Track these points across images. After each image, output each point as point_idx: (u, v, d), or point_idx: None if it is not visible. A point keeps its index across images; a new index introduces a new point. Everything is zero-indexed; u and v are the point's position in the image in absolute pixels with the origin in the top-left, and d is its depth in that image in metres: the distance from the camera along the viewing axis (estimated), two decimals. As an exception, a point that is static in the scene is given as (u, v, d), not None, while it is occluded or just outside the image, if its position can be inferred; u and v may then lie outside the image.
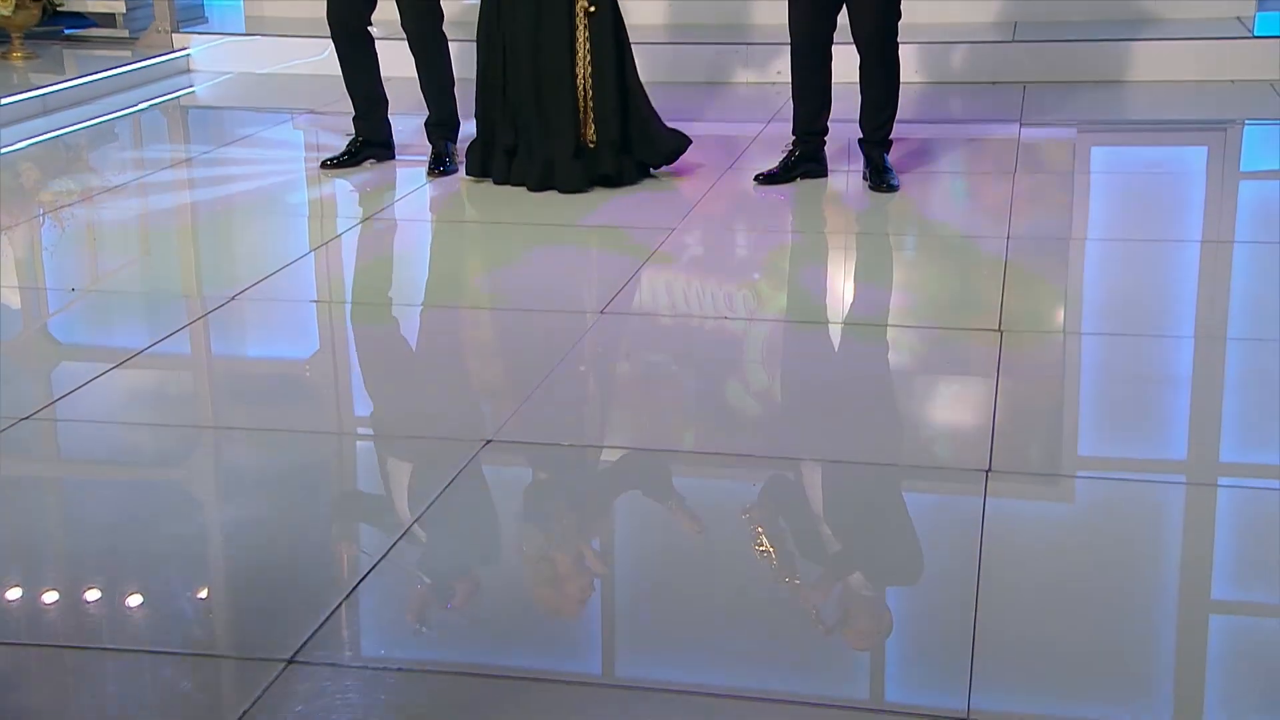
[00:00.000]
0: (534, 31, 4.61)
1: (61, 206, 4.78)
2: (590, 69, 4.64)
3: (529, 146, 4.71)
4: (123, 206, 4.80)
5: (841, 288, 4.06)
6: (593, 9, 4.60)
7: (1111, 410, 3.13)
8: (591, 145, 4.69)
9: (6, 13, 6.48)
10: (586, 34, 4.62)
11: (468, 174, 4.86)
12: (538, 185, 4.69)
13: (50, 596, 2.45)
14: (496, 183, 4.77)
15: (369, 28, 4.98)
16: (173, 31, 6.97)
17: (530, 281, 4.01)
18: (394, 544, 2.57)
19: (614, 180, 4.72)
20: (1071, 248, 4.20)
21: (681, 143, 4.82)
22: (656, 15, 6.87)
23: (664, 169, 4.87)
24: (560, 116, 4.64)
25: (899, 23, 4.56)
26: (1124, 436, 3.01)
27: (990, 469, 2.76)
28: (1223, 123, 5.62)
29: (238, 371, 3.56)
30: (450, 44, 5.03)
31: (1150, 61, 6.10)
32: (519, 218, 4.53)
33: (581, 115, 4.67)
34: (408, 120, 5.23)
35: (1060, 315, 3.68)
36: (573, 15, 4.59)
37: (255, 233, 4.55)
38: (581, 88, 4.65)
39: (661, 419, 3.18)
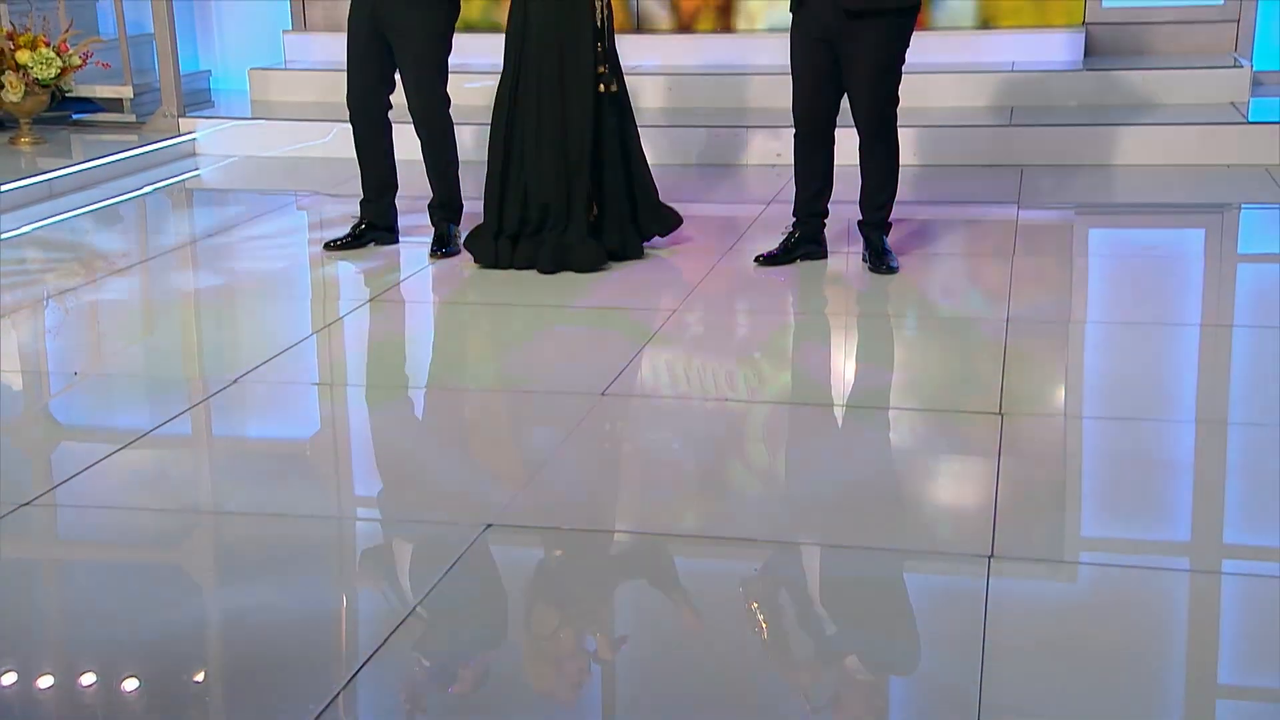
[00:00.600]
0: (559, 117, 4.68)
1: (65, 290, 4.81)
2: (608, 145, 4.73)
3: (538, 229, 4.75)
4: (126, 289, 4.83)
5: (842, 369, 4.07)
6: (614, 88, 4.69)
7: (1114, 495, 3.12)
8: (592, 220, 4.75)
9: (15, 99, 6.55)
10: (611, 112, 4.74)
11: (473, 257, 4.89)
12: (554, 267, 4.72)
13: (47, 683, 2.43)
14: (502, 268, 4.80)
15: (388, 111, 5.05)
16: (179, 116, 7.05)
17: (531, 363, 4.02)
18: (394, 631, 2.55)
19: (619, 254, 4.79)
20: (1071, 330, 4.22)
21: (678, 218, 4.99)
22: (659, 99, 6.96)
23: (667, 248, 4.97)
24: (580, 198, 4.71)
25: (898, 107, 4.62)
26: (1127, 522, 2.99)
27: (993, 554, 2.75)
28: (1220, 206, 5.66)
29: (239, 455, 3.55)
30: (456, 127, 5.09)
31: (1146, 146, 6.16)
32: (520, 299, 4.56)
33: (594, 193, 4.76)
34: (410, 202, 5.28)
35: (1061, 398, 3.68)
36: (597, 100, 4.68)
37: (258, 315, 4.57)
38: (604, 165, 4.75)
39: (662, 502, 3.17)
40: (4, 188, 5.83)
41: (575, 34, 4.66)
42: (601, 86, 4.69)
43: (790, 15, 4.62)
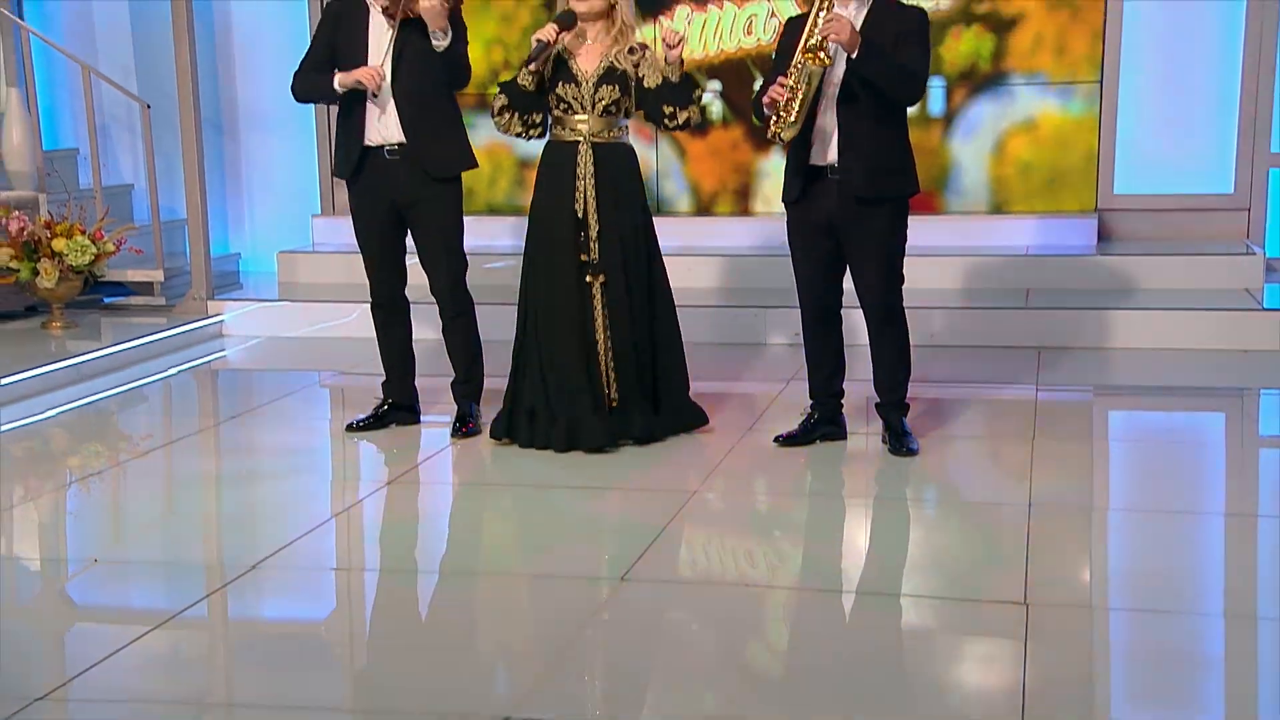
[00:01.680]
0: (553, 300, 4.77)
1: (88, 474, 4.84)
2: (609, 334, 4.78)
3: (550, 409, 4.79)
4: (148, 472, 4.85)
5: (863, 553, 4.03)
6: (601, 279, 4.77)
7: (1144, 691, 3.05)
8: (614, 405, 4.79)
9: (50, 285, 6.68)
10: (603, 301, 4.78)
11: (492, 436, 4.93)
12: (564, 446, 4.75)
13: None
14: (521, 446, 4.83)
15: (404, 289, 5.14)
16: (208, 299, 7.18)
17: (551, 547, 4.00)
18: (407, 832, 2.48)
19: (644, 440, 4.81)
20: (1094, 517, 4.18)
21: (702, 419, 5.00)
22: (678, 280, 7.01)
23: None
24: (578, 378, 4.75)
25: (903, 286, 4.66)
26: (1159, 719, 2.92)
27: (1022, 753, 2.68)
28: (1238, 390, 5.66)
29: (254, 644, 3.51)
30: (478, 307, 5.17)
31: (1162, 330, 6.21)
32: (542, 480, 4.56)
33: (603, 378, 4.79)
34: (430, 381, 5.33)
35: (1087, 588, 3.63)
36: (584, 285, 4.76)
37: (279, 498, 4.57)
38: (601, 351, 4.78)
39: (682, 690, 3.11)
40: (33, 372, 5.90)
41: (558, 220, 4.78)
42: (588, 276, 4.79)
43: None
